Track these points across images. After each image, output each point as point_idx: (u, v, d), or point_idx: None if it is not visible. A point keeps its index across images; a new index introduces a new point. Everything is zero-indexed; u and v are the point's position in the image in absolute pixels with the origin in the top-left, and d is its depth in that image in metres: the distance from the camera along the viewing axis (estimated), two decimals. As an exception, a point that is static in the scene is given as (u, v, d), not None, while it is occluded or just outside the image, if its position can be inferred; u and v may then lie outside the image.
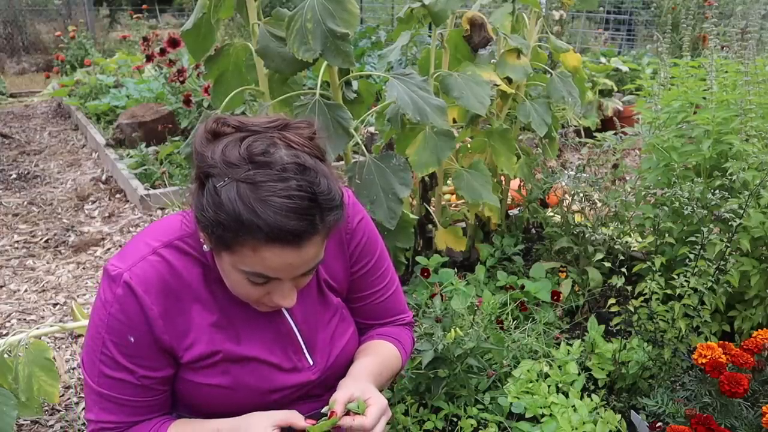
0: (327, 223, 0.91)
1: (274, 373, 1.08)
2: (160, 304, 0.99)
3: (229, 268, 0.95)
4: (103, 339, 0.99)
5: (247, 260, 0.91)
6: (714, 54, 2.08)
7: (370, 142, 3.79)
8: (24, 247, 3.30)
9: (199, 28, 1.98)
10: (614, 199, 2.38)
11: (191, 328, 1.02)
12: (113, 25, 10.21)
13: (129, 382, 1.01)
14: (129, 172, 4.08)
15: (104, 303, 0.99)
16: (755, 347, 1.53)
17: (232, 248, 0.90)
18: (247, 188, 0.86)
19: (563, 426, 1.69)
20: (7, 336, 1.89)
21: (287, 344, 1.10)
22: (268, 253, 0.89)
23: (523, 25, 2.63)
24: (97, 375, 1.01)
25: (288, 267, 0.92)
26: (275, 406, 1.09)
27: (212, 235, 0.91)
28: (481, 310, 2.07)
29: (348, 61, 1.81)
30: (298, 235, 0.88)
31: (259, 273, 0.92)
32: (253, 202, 0.85)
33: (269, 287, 0.96)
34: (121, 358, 0.99)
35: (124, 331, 0.98)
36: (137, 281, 0.97)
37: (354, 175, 1.98)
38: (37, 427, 1.99)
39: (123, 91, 5.63)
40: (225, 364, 1.05)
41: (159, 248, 1.01)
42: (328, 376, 1.15)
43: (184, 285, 1.01)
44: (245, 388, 1.06)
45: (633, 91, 4.69)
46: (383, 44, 6.57)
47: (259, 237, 0.87)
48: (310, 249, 0.91)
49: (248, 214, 0.86)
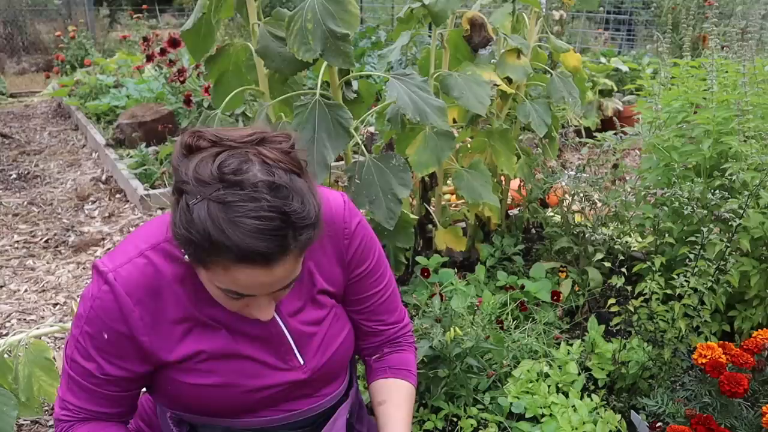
0: (300, 242, 0.90)
1: (262, 371, 1.08)
2: (142, 306, 1.01)
3: (207, 282, 0.97)
4: (81, 328, 1.03)
5: (220, 278, 0.92)
6: (714, 54, 2.08)
7: (370, 142, 3.79)
8: (24, 247, 3.30)
9: (199, 28, 1.98)
10: (614, 199, 2.38)
11: (176, 330, 1.04)
12: (113, 25, 10.20)
13: (93, 373, 1.05)
14: (129, 172, 4.08)
15: (89, 296, 1.03)
16: (755, 347, 1.53)
17: (206, 265, 0.91)
18: (217, 208, 0.85)
19: (563, 426, 1.69)
20: (7, 336, 1.89)
21: (277, 343, 1.10)
22: (239, 273, 0.89)
23: (523, 25, 2.63)
24: (70, 359, 1.07)
25: (260, 285, 0.93)
26: (263, 403, 1.10)
27: (186, 251, 0.93)
28: (481, 310, 2.07)
29: (348, 62, 1.81)
30: (268, 257, 0.88)
31: (232, 290, 0.93)
32: (222, 223, 0.85)
33: (247, 300, 0.97)
34: (92, 350, 1.03)
35: (100, 326, 1.01)
36: (121, 282, 1.00)
37: (353, 175, 1.98)
38: (37, 427, 1.99)
39: (123, 91, 5.63)
40: (211, 363, 1.06)
41: (146, 250, 1.02)
42: (320, 377, 1.15)
43: (169, 287, 1.02)
44: (232, 387, 1.07)
45: (633, 91, 4.69)
46: (383, 44, 6.57)
47: (229, 257, 0.87)
48: (281, 268, 0.91)
49: (218, 235, 0.85)
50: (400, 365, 1.26)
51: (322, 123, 1.85)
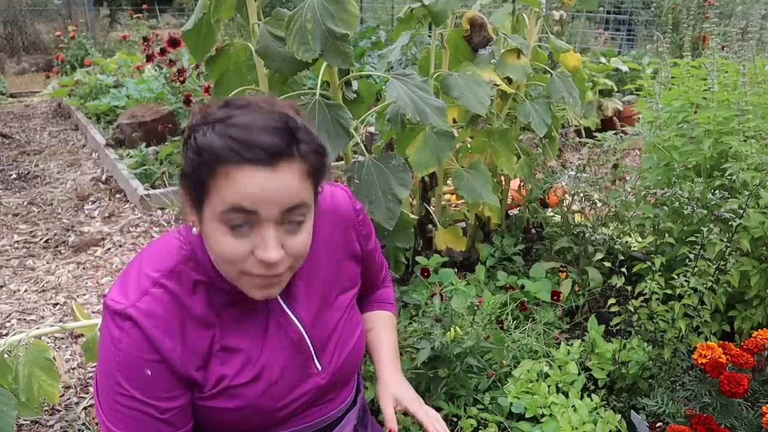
0: (303, 153, 0.88)
1: (285, 387, 1.07)
2: (170, 337, 0.95)
3: (211, 227, 0.90)
4: (116, 378, 0.93)
5: (222, 194, 0.86)
6: (715, 54, 2.08)
7: (370, 142, 3.79)
8: (24, 247, 3.30)
9: (200, 28, 1.98)
10: (614, 199, 2.38)
11: (203, 355, 1.00)
12: (113, 25, 10.21)
13: (152, 416, 0.95)
14: (129, 172, 4.08)
15: (112, 340, 0.93)
16: (755, 347, 1.53)
17: (209, 191, 0.87)
18: (221, 124, 0.87)
19: (563, 426, 1.69)
20: (7, 336, 1.89)
21: (298, 352, 1.08)
22: (241, 175, 0.85)
23: (523, 25, 2.63)
24: (116, 419, 0.94)
25: (264, 194, 0.86)
26: (286, 417, 1.08)
27: (191, 187, 0.90)
28: (481, 309, 2.07)
29: (348, 62, 1.81)
30: (271, 153, 0.85)
31: (236, 206, 0.86)
32: (225, 129, 0.86)
33: (252, 239, 0.90)
34: (139, 393, 0.93)
35: (138, 364, 0.93)
36: (144, 317, 0.93)
37: (353, 176, 1.98)
38: (37, 427, 1.99)
39: (123, 91, 5.63)
40: (236, 388, 1.02)
41: (160, 279, 0.96)
42: (337, 380, 1.15)
43: (190, 313, 0.98)
44: (257, 406, 1.05)
45: (633, 91, 4.70)
46: (383, 44, 6.57)
47: (230, 159, 0.85)
48: (286, 174, 0.87)
49: (221, 140, 0.85)
50: (383, 299, 1.40)
51: (321, 123, 1.85)
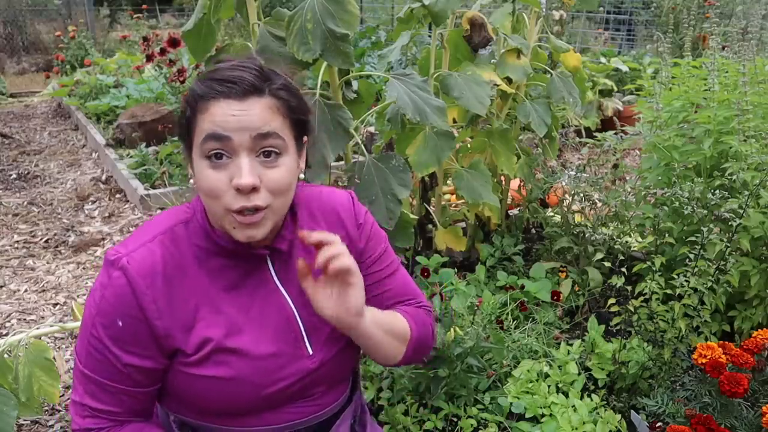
0: (273, 90, 0.99)
1: (274, 364, 1.07)
2: (155, 289, 1.00)
3: (198, 166, 0.99)
4: (94, 320, 1.01)
5: (200, 128, 0.97)
6: (715, 54, 2.08)
7: (370, 142, 3.79)
8: (24, 247, 3.30)
9: (200, 28, 1.98)
10: (614, 199, 2.38)
11: (188, 314, 1.02)
12: (113, 25, 10.21)
13: (113, 365, 1.01)
14: (129, 172, 4.08)
15: (99, 286, 1.01)
16: (755, 347, 1.53)
17: (193, 129, 0.99)
18: (206, 75, 0.99)
19: (563, 426, 1.69)
20: (7, 336, 1.89)
21: (287, 330, 1.09)
22: (215, 106, 0.96)
23: (523, 25, 2.63)
24: (85, 356, 1.03)
25: (235, 119, 0.96)
26: (272, 399, 1.08)
27: (183, 135, 1.01)
28: (481, 310, 2.07)
29: (348, 62, 1.81)
30: (240, 86, 0.96)
31: (211, 133, 0.96)
32: (207, 76, 0.99)
33: (230, 170, 0.97)
34: (108, 341, 1.00)
35: (114, 314, 0.99)
36: (134, 265, 0.99)
37: (353, 175, 1.99)
38: (37, 427, 1.99)
39: (123, 91, 5.63)
40: (222, 354, 1.04)
41: (159, 234, 1.03)
42: (330, 372, 1.14)
43: (181, 271, 1.02)
44: (243, 379, 1.05)
45: (633, 91, 4.70)
46: (383, 44, 6.57)
47: (206, 94, 0.97)
48: (256, 106, 0.97)
49: (202, 84, 0.98)
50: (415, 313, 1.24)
51: (321, 123, 1.85)
